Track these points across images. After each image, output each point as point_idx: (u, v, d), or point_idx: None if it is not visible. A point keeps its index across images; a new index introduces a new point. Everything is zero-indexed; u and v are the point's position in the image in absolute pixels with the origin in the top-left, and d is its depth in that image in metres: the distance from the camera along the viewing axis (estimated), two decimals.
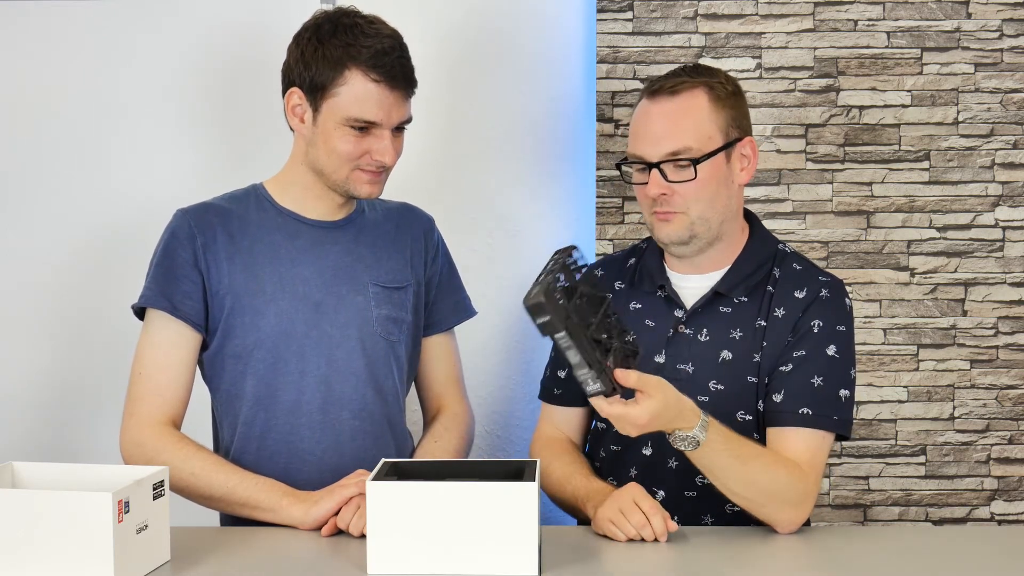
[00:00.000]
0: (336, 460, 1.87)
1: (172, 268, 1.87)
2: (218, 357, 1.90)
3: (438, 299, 2.04)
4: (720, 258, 1.88)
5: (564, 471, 1.87)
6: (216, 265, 1.87)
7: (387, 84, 1.82)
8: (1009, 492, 2.66)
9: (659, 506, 1.67)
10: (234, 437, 1.90)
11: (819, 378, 1.77)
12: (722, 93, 1.83)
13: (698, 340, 1.84)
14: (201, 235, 1.88)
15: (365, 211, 2.00)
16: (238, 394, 1.90)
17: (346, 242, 1.94)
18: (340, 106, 1.82)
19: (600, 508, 1.71)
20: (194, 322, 1.87)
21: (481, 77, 2.52)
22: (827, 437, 1.78)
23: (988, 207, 2.64)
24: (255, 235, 1.90)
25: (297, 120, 1.88)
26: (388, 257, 1.97)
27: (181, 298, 1.86)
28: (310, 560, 1.63)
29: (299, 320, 1.88)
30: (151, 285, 1.88)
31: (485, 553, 1.49)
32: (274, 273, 1.89)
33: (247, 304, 1.87)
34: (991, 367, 2.65)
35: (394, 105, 1.84)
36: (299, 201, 1.94)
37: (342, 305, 1.91)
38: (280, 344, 1.88)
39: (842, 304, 1.85)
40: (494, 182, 2.52)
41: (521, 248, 2.54)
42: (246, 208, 1.93)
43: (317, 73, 1.82)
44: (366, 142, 1.84)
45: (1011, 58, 2.62)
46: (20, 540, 1.45)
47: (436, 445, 1.95)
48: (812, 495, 1.73)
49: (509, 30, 2.53)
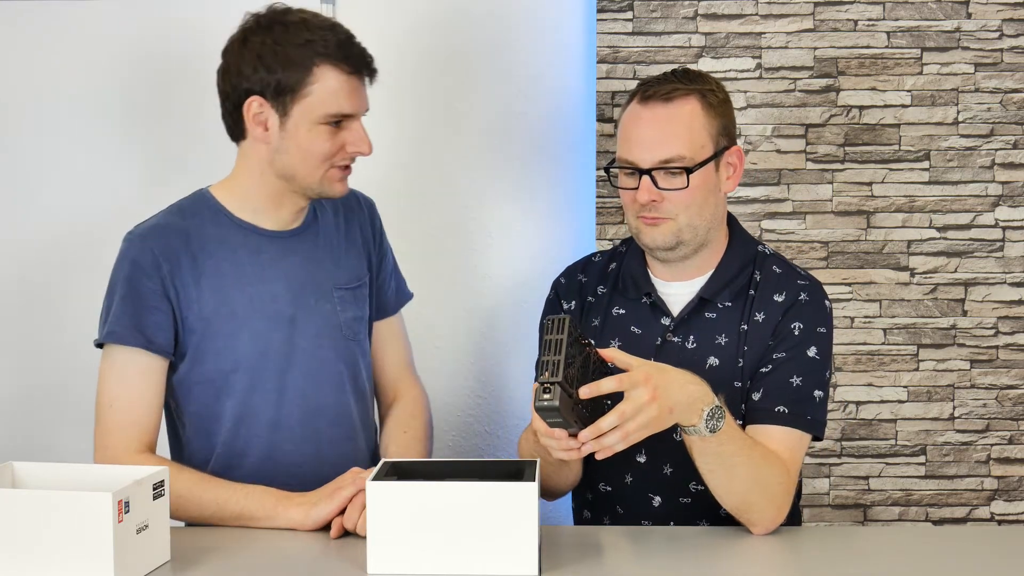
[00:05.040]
0: (317, 469, 1.84)
1: (139, 300, 1.79)
2: (186, 381, 1.84)
3: (384, 283, 2.01)
4: (703, 263, 1.88)
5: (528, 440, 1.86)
6: (184, 291, 1.80)
7: (355, 73, 1.79)
8: (1009, 492, 2.66)
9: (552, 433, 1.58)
10: (210, 457, 1.86)
11: (798, 378, 1.78)
12: (714, 101, 1.83)
13: (686, 348, 1.84)
14: (167, 262, 1.79)
15: (317, 215, 1.94)
16: (213, 415, 1.85)
17: (305, 250, 1.90)
18: (315, 105, 1.76)
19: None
20: (166, 352, 1.81)
21: (480, 77, 2.52)
22: (804, 437, 1.78)
23: (988, 207, 2.64)
24: (218, 254, 1.83)
25: (260, 129, 1.79)
26: (345, 255, 1.94)
27: (154, 331, 1.79)
28: (310, 560, 1.63)
29: (275, 338, 1.85)
30: (120, 319, 1.79)
31: (485, 553, 1.49)
32: (243, 294, 1.83)
33: (218, 329, 1.82)
34: (991, 367, 2.64)
35: (363, 93, 1.81)
36: (256, 212, 1.86)
37: (312, 316, 1.87)
38: (258, 364, 1.84)
39: (821, 306, 1.85)
40: (493, 182, 2.52)
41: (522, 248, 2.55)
42: (202, 223, 1.85)
43: (284, 76, 1.75)
44: (340, 136, 1.79)
45: (1011, 58, 2.62)
46: (20, 540, 1.45)
47: (407, 435, 1.94)
48: (792, 493, 1.73)
49: (509, 30, 2.53)
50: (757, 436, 1.74)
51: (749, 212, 2.61)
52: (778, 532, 1.74)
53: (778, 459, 1.72)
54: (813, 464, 2.64)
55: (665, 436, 1.67)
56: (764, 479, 1.69)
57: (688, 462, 1.68)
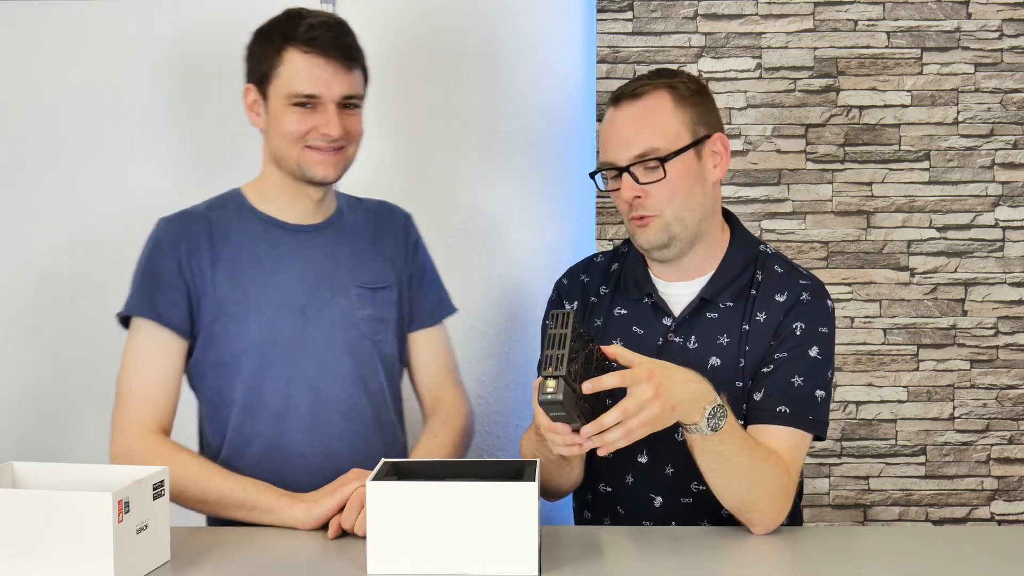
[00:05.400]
0: (326, 462, 1.87)
1: (157, 276, 1.86)
2: (200, 364, 1.89)
3: (420, 295, 2.04)
4: (703, 263, 1.88)
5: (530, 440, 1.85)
6: (200, 272, 1.87)
7: (320, 54, 1.82)
8: (1009, 492, 2.66)
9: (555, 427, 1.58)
10: (223, 443, 1.90)
11: (799, 378, 1.78)
12: (685, 92, 1.83)
13: (687, 348, 1.84)
14: (185, 242, 1.87)
15: (344, 213, 2.00)
16: (224, 401, 1.89)
17: (327, 245, 1.94)
18: (281, 86, 1.84)
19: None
20: (180, 329, 1.86)
21: (480, 77, 2.52)
22: (805, 437, 1.78)
23: (988, 207, 2.63)
24: (237, 242, 1.90)
25: (255, 116, 1.90)
26: (369, 258, 1.97)
27: (167, 306, 1.85)
28: (310, 560, 1.63)
29: (285, 326, 1.88)
30: (136, 294, 1.88)
31: (485, 553, 1.49)
32: (257, 280, 1.89)
33: (231, 312, 1.87)
34: (991, 367, 2.64)
35: (334, 77, 1.84)
36: (276, 204, 1.93)
37: (327, 308, 1.91)
38: (266, 350, 1.87)
39: (823, 306, 1.85)
40: (493, 182, 2.52)
41: (522, 248, 2.55)
42: (227, 215, 1.93)
43: (260, 63, 1.86)
44: (311, 118, 1.84)
45: (1011, 58, 2.62)
46: (20, 540, 1.45)
47: (433, 442, 1.95)
48: (792, 493, 1.73)
49: (509, 30, 2.53)
50: (758, 436, 1.74)
51: (749, 212, 2.61)
52: (778, 532, 1.74)
53: (779, 459, 1.72)
54: (813, 464, 2.64)
55: (667, 436, 1.67)
56: (765, 479, 1.68)
57: (689, 462, 1.68)
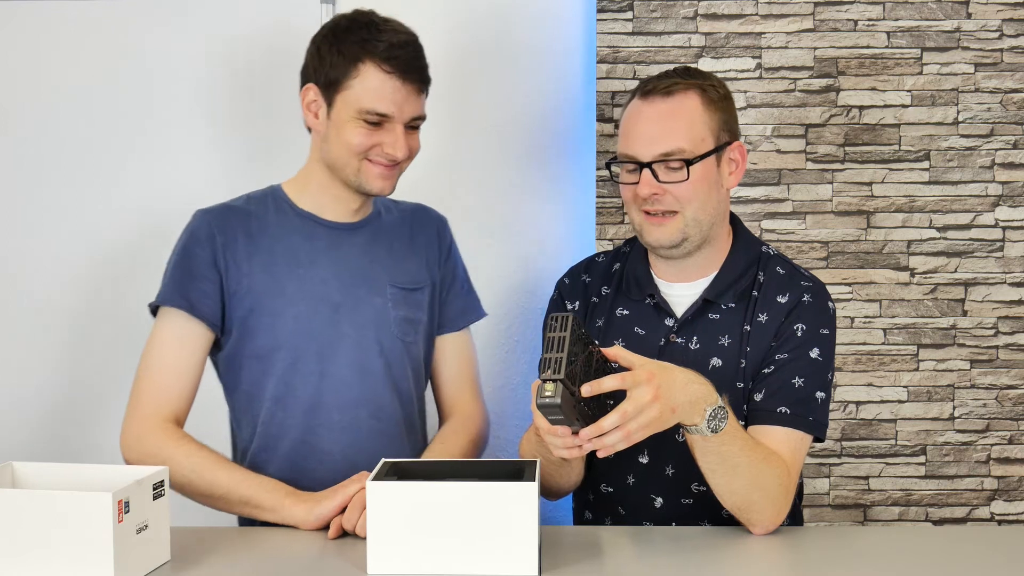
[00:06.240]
0: (354, 460, 1.87)
1: (191, 267, 1.87)
2: (236, 357, 1.90)
3: (449, 299, 2.05)
4: (707, 264, 1.88)
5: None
6: (235, 265, 1.88)
7: (399, 76, 1.83)
8: (1009, 492, 2.65)
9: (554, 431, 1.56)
10: (253, 436, 1.91)
11: (800, 379, 1.78)
12: (714, 96, 1.83)
13: (689, 349, 1.84)
14: (221, 235, 1.88)
15: (382, 213, 2.01)
16: (258, 394, 1.90)
17: (363, 244, 1.95)
18: (353, 98, 1.83)
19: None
20: (210, 321, 1.87)
21: (480, 77, 2.52)
22: (805, 438, 1.78)
23: (988, 207, 2.63)
24: (274, 236, 1.91)
25: (312, 116, 1.90)
26: (405, 258, 1.98)
27: (199, 297, 1.86)
28: (310, 560, 1.63)
29: (318, 321, 1.89)
30: (169, 283, 1.88)
31: (485, 553, 1.49)
32: (293, 275, 1.90)
33: (267, 305, 1.88)
34: (991, 367, 2.64)
35: (406, 99, 1.85)
36: (317, 202, 1.94)
37: (360, 306, 1.92)
38: (300, 345, 1.88)
39: (825, 307, 1.85)
40: (494, 182, 2.52)
41: (521, 248, 2.55)
42: (265, 210, 1.94)
43: (331, 68, 1.84)
44: (378, 135, 1.85)
45: (1011, 58, 2.62)
46: (20, 540, 1.45)
47: (441, 447, 1.95)
48: (792, 494, 1.73)
49: (509, 30, 2.53)
50: (759, 436, 1.74)
51: (749, 212, 2.60)
52: (778, 532, 1.74)
53: (779, 460, 1.72)
54: (813, 464, 2.64)
55: (667, 437, 1.68)
56: (765, 479, 1.68)
57: (690, 463, 1.68)
